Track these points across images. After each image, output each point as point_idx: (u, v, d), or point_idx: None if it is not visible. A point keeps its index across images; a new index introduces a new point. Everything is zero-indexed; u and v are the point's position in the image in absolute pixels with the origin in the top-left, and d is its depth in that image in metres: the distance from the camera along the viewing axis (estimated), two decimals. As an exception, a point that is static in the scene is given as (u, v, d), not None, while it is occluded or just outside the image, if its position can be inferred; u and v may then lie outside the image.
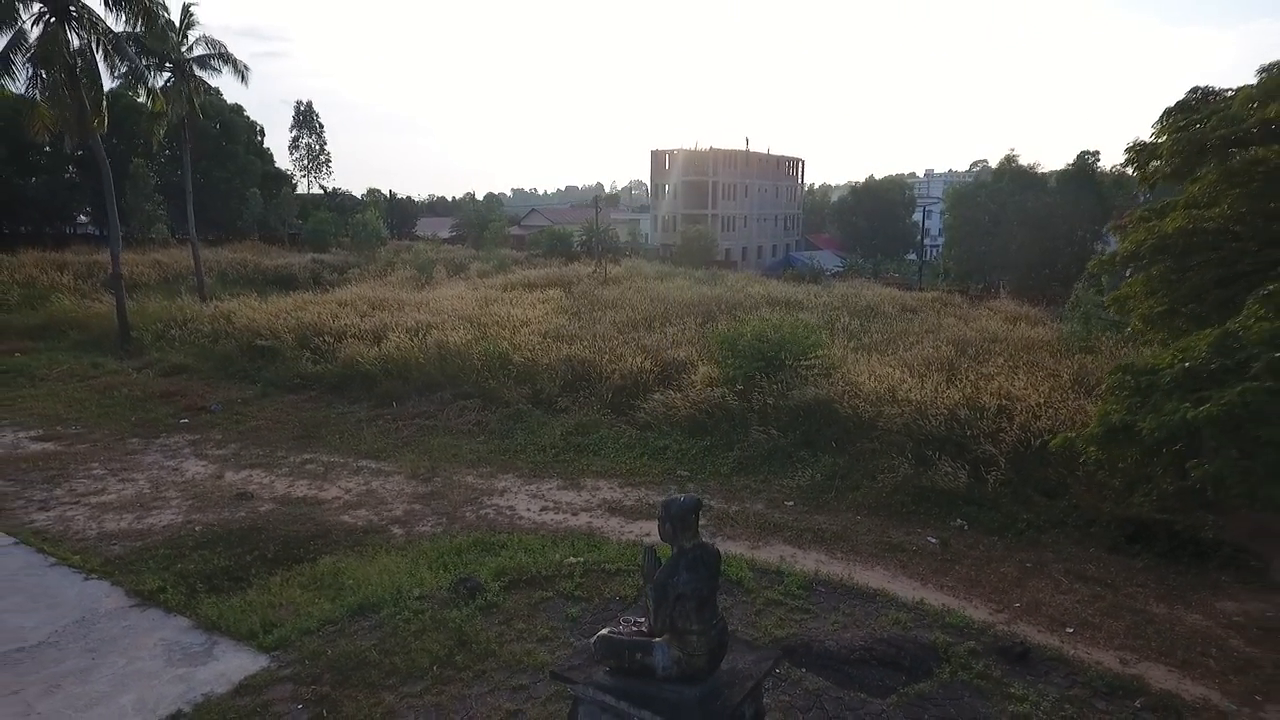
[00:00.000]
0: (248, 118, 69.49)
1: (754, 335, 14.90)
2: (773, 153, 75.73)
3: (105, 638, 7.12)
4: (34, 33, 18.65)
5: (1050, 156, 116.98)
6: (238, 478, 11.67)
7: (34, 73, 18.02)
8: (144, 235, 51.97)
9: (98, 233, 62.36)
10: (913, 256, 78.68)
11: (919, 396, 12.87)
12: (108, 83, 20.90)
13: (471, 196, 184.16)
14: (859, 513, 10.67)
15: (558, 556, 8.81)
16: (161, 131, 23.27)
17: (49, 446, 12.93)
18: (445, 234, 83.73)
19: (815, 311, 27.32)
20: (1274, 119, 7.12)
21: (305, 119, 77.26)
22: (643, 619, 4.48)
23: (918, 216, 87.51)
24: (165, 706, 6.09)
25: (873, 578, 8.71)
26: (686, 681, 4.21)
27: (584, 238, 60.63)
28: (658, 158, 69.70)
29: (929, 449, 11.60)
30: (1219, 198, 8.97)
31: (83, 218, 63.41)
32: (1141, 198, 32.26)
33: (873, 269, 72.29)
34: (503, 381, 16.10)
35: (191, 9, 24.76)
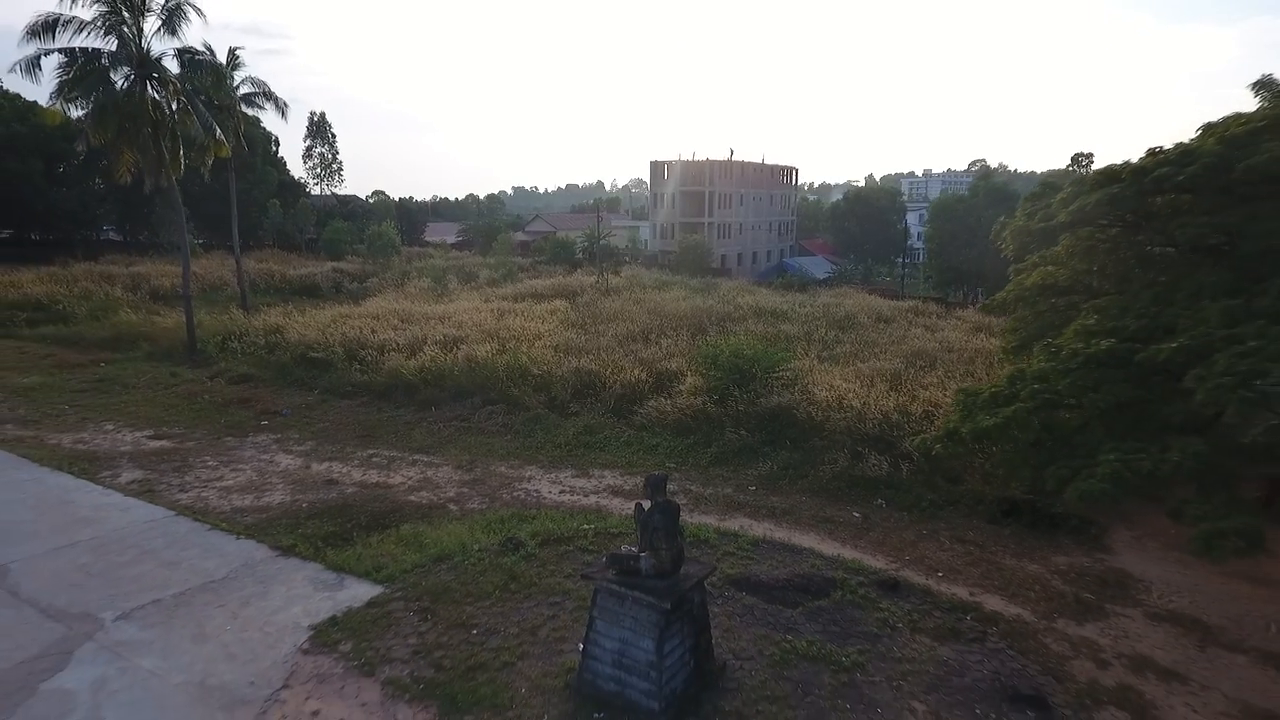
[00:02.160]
0: (264, 129, 72.57)
1: (731, 352, 18.06)
2: (768, 161, 78.78)
3: (266, 575, 10.34)
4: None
5: (1048, 156, 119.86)
6: (321, 468, 14.90)
7: (119, 123, 21.15)
8: (171, 245, 55.14)
9: (121, 239, 65.53)
10: (905, 260, 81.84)
11: (859, 404, 16.09)
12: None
13: (475, 199, 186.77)
14: (804, 495, 13.88)
15: (575, 524, 12.02)
16: (210, 163, 26.46)
17: (164, 444, 16.15)
18: (452, 239, 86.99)
19: (797, 322, 30.55)
20: (1077, 211, 10.23)
21: (318, 129, 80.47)
22: (634, 548, 7.67)
23: (909, 220, 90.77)
24: (324, 613, 9.31)
25: (805, 540, 11.92)
26: (659, 577, 7.40)
27: (586, 245, 63.85)
28: (656, 168, 72.84)
29: (862, 446, 14.82)
30: (1069, 260, 12.17)
31: (105, 225, 66.64)
32: None
33: (863, 274, 75.57)
34: (523, 390, 19.32)
35: (238, 52, 27.89)
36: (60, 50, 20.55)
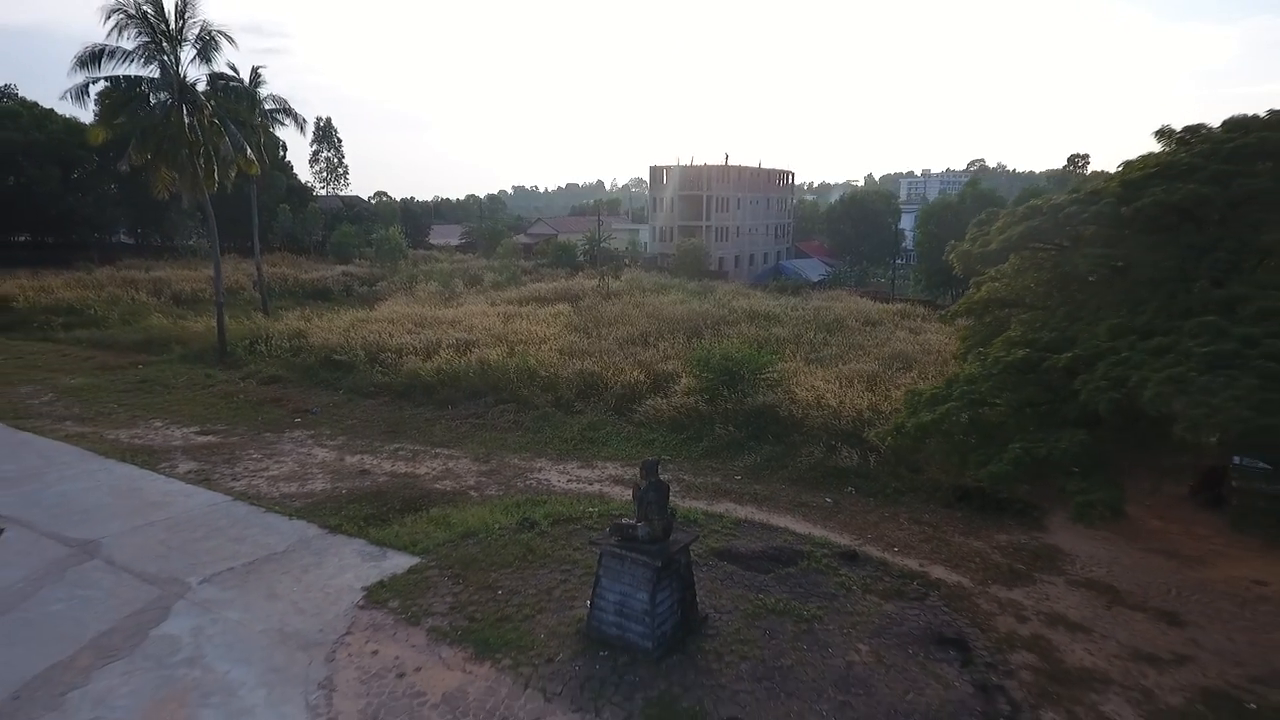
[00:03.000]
0: (274, 134, 74.33)
1: (722, 356, 19.84)
2: (767, 162, 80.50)
3: (320, 548, 12.14)
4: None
5: (1048, 155, 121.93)
6: (354, 460, 16.70)
7: (158, 144, 22.92)
8: (185, 248, 56.93)
9: (133, 242, 67.22)
10: (900, 261, 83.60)
11: (836, 403, 17.90)
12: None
13: (476, 199, 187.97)
14: (783, 483, 15.67)
15: (582, 507, 13.81)
16: (233, 176, 28.15)
17: (211, 439, 17.95)
18: (455, 240, 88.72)
19: (788, 326, 32.30)
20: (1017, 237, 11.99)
21: (325, 134, 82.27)
22: (632, 520, 9.45)
23: (904, 223, 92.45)
24: (372, 578, 11.10)
25: (781, 521, 13.72)
26: (652, 542, 9.20)
27: (587, 248, 65.57)
28: (656, 172, 74.61)
29: (836, 440, 16.61)
30: (1013, 277, 13.96)
31: (118, 229, 68.32)
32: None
33: (858, 276, 77.16)
34: (531, 390, 21.12)
35: (260, 71, 29.64)
36: (105, 78, 22.34)
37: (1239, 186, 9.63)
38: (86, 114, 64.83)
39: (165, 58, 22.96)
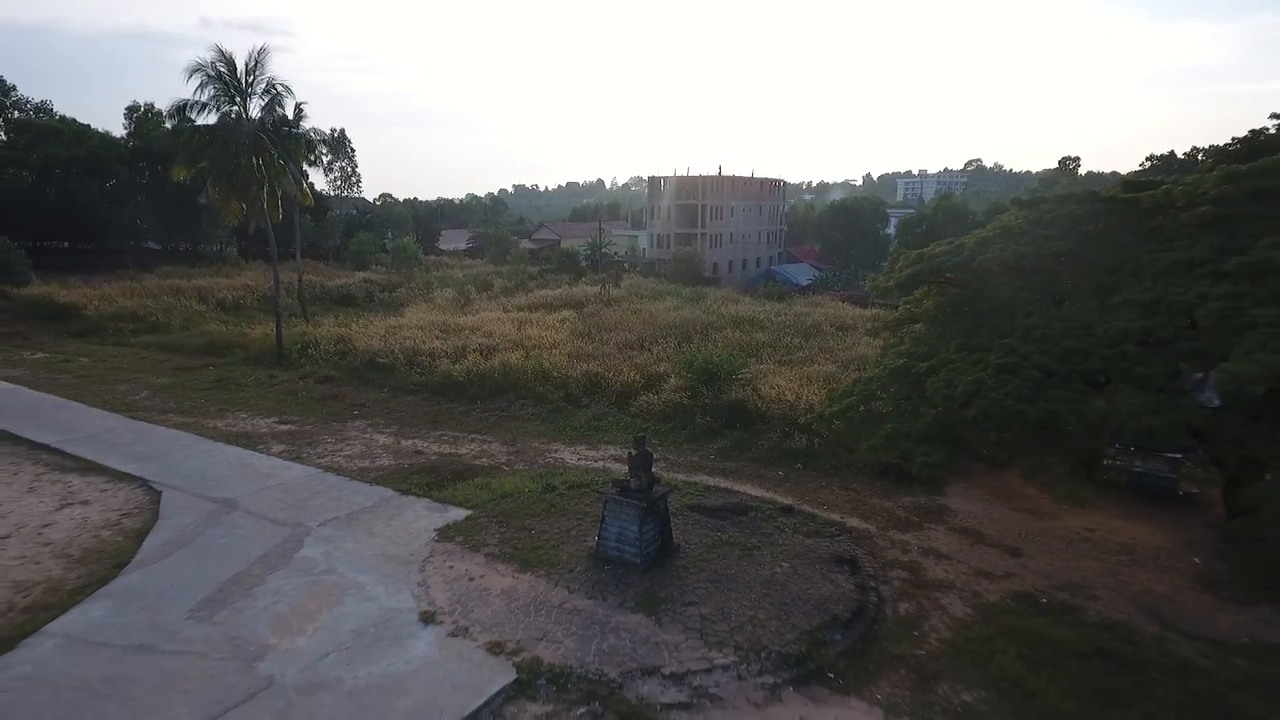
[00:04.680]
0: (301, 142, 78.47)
1: (703, 360, 24.07)
2: (766, 163, 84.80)
3: (398, 505, 16.45)
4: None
5: (1045, 154, 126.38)
6: (409, 443, 21.00)
7: (231, 182, 27.24)
8: (218, 257, 61.21)
9: (160, 248, 71.47)
10: (885, 266, 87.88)
11: (793, 399, 22.19)
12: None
13: (478, 199, 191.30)
14: (747, 461, 19.97)
15: (589, 477, 18.11)
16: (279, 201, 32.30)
17: (290, 427, 22.26)
18: (463, 245, 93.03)
19: (769, 331, 36.47)
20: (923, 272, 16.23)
21: (339, 144, 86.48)
22: (627, 478, 13.76)
23: (892, 228, 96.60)
24: (440, 523, 15.41)
25: (742, 487, 18.02)
26: (640, 492, 13.52)
27: (589, 254, 69.85)
28: (654, 182, 78.85)
29: (791, 428, 20.90)
30: (920, 302, 18.23)
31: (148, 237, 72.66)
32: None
33: (846, 280, 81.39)
34: (546, 388, 25.41)
35: (302, 106, 33.92)
36: (188, 125, 26.66)
37: (1049, 246, 13.90)
38: (118, 128, 69.02)
39: (237, 107, 27.31)
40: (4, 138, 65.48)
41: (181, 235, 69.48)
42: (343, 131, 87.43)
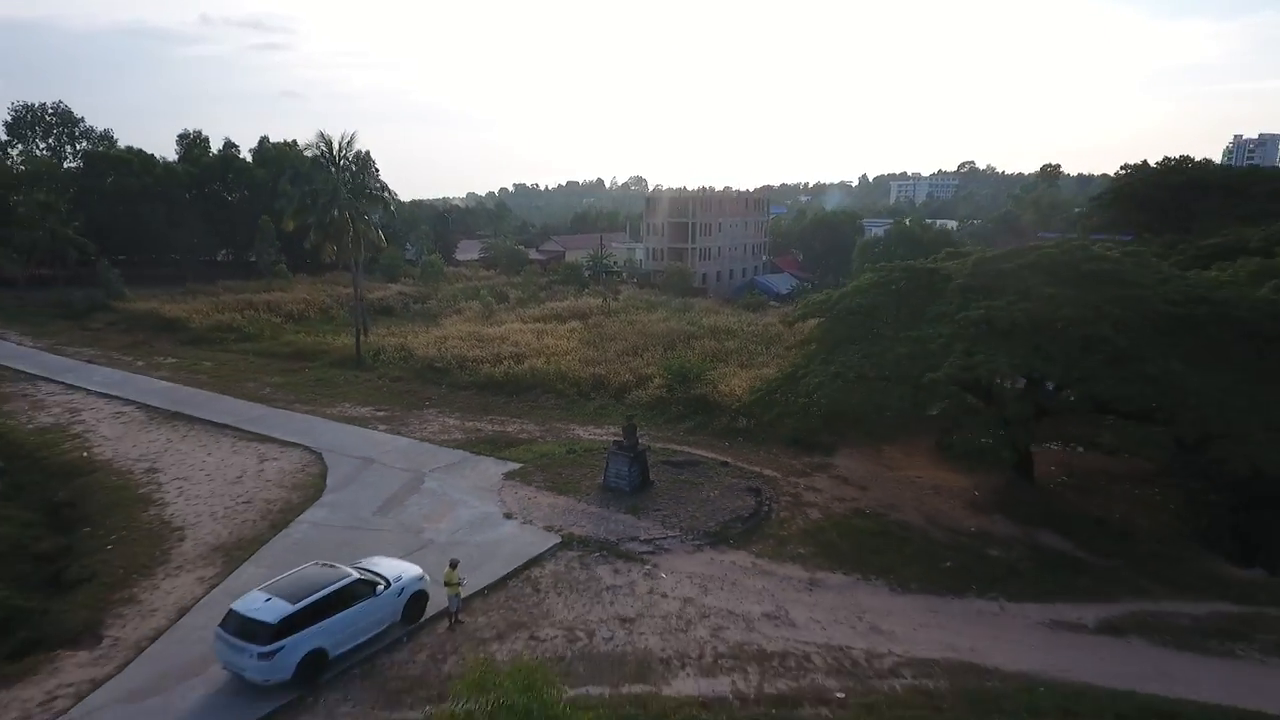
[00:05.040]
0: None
1: (679, 366, 33.19)
2: (761, 171, 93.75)
3: (474, 461, 25.61)
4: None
5: (1034, 157, 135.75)
6: (471, 424, 30.12)
7: (326, 231, 36.43)
8: (270, 272, 70.26)
9: (215, 259, 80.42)
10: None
11: (742, 391, 31.29)
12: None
13: (478, 199, 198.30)
14: (704, 436, 29.09)
15: (598, 445, 27.26)
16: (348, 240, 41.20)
17: (384, 413, 31.39)
18: (475, 255, 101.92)
19: (738, 339, 45.40)
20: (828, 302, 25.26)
21: (364, 164, 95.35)
22: (624, 440, 22.89)
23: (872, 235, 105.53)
24: (505, 470, 24.56)
25: (698, 452, 27.16)
26: (630, 448, 22.69)
27: (591, 266, 78.74)
28: (650, 201, 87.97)
29: (737, 414, 29.98)
30: (815, 329, 27.34)
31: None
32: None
33: (824, 289, 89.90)
34: (563, 385, 34.50)
35: (369, 154, 42.77)
36: (295, 189, 35.72)
37: (878, 299, 23.05)
38: (171, 155, 77.87)
39: (334, 173, 36.42)
40: (77, 166, 74.56)
41: (230, 247, 78.64)
42: (368, 154, 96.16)
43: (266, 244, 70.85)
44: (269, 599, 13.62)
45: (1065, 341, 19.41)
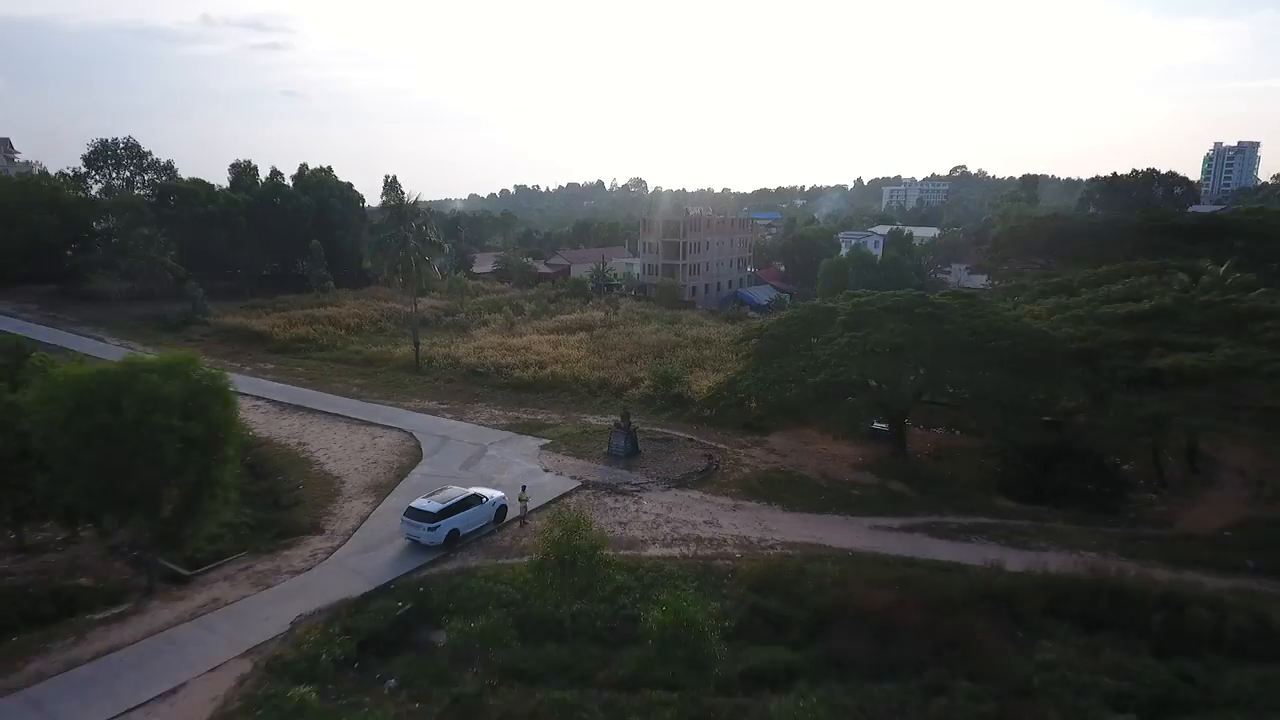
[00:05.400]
0: (356, 192, 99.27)
1: (663, 371, 44.66)
2: (731, 216, 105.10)
3: (519, 438, 37.10)
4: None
5: (1029, 162, 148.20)
6: (511, 414, 41.56)
7: (395, 268, 47.89)
8: (319, 287, 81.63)
9: (268, 274, 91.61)
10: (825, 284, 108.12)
11: (710, 388, 42.76)
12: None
13: (491, 215, 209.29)
14: (679, 422, 40.53)
15: (603, 427, 38.72)
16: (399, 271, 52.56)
17: (446, 406, 42.86)
18: (489, 268, 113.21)
19: (714, 348, 56.93)
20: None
21: (392, 187, 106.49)
22: (620, 422, 34.35)
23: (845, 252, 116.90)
24: (541, 444, 36.06)
25: (674, 433, 38.63)
26: (626, 428, 34.21)
27: (594, 281, 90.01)
28: (645, 223, 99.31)
29: (702, 406, 41.42)
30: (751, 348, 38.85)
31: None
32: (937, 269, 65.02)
33: (802, 298, 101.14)
34: (576, 386, 46.00)
35: (420, 198, 53.95)
36: (373, 237, 47.14)
37: (792, 328, 34.46)
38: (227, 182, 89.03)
39: (403, 228, 47.93)
40: (148, 194, 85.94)
41: (278, 263, 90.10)
42: (395, 179, 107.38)
43: (317, 264, 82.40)
44: (431, 500, 25.10)
45: (898, 358, 30.85)
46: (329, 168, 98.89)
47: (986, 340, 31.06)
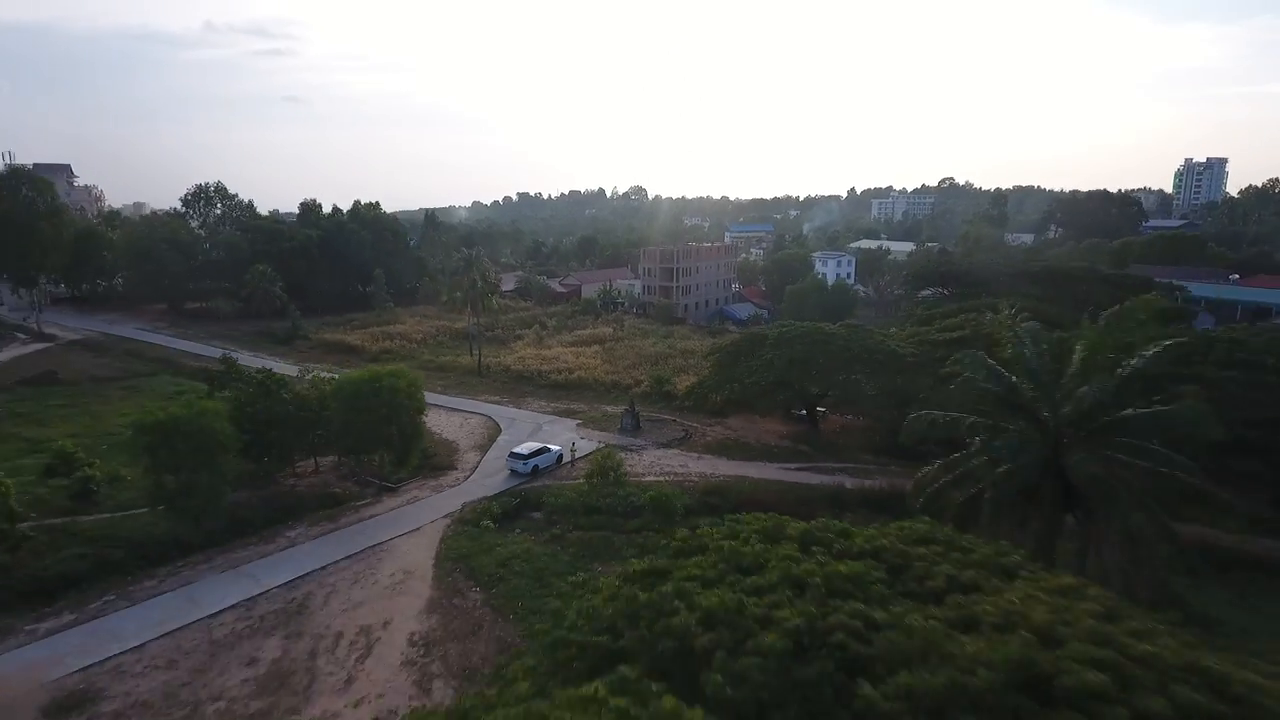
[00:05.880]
0: (401, 224, 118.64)
1: (657, 375, 63.74)
2: (717, 245, 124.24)
3: (563, 420, 56.23)
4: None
5: (1013, 172, 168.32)
6: (553, 405, 60.62)
7: (468, 301, 66.72)
8: (382, 306, 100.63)
9: (341, 295, 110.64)
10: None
11: (687, 387, 61.83)
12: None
13: (500, 230, 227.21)
14: (669, 409, 59.59)
15: (615, 413, 57.79)
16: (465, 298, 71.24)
17: (507, 399, 61.94)
18: (510, 286, 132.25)
19: (694, 357, 76.23)
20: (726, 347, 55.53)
21: (430, 220, 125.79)
22: (628, 408, 53.36)
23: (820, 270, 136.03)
24: (576, 424, 55.16)
25: (664, 416, 57.70)
26: (633, 412, 53.32)
27: (602, 301, 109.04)
28: (647, 254, 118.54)
29: (684, 397, 60.44)
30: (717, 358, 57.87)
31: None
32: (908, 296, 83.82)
33: (777, 315, 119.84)
34: (595, 385, 65.10)
35: (477, 246, 72.94)
36: (447, 279, 66.03)
37: (744, 346, 53.39)
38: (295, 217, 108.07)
39: (474, 273, 66.97)
40: (238, 232, 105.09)
41: (343, 284, 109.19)
42: (432, 213, 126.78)
43: (379, 288, 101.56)
44: (522, 448, 44.24)
45: (803, 367, 49.89)
46: (377, 203, 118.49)
47: (859, 356, 49.98)
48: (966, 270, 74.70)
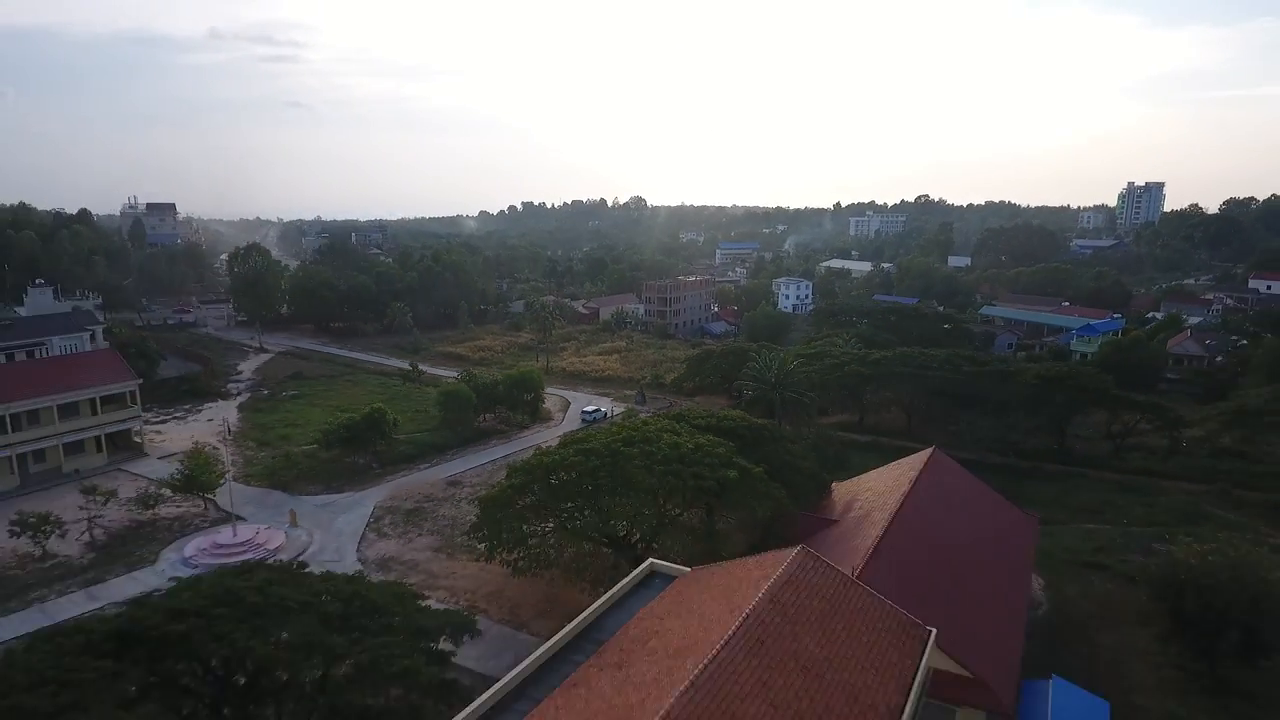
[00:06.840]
0: (469, 259, 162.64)
1: (654, 374, 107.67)
2: (700, 279, 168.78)
3: (600, 399, 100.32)
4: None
5: (986, 189, 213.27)
6: (593, 391, 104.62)
7: (540, 327, 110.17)
8: (464, 326, 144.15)
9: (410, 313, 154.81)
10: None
11: (672, 380, 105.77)
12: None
13: (519, 252, 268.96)
14: (663, 393, 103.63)
15: (632, 395, 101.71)
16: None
17: (566, 388, 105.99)
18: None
19: (678, 362, 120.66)
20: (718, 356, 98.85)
21: (489, 268, 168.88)
22: (640, 392, 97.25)
23: (785, 294, 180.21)
24: (610, 399, 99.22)
25: (659, 395, 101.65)
26: (641, 395, 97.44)
27: (616, 321, 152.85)
28: (648, 288, 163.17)
29: (670, 386, 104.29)
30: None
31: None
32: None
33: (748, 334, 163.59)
34: (617, 380, 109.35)
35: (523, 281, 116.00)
36: (527, 310, 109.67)
37: (705, 359, 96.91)
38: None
39: (545, 307, 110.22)
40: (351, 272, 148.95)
41: (432, 309, 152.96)
42: (489, 258, 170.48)
43: (462, 312, 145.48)
44: (588, 409, 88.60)
45: (735, 372, 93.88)
46: (449, 243, 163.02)
47: (770, 365, 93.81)
48: (843, 308, 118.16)
